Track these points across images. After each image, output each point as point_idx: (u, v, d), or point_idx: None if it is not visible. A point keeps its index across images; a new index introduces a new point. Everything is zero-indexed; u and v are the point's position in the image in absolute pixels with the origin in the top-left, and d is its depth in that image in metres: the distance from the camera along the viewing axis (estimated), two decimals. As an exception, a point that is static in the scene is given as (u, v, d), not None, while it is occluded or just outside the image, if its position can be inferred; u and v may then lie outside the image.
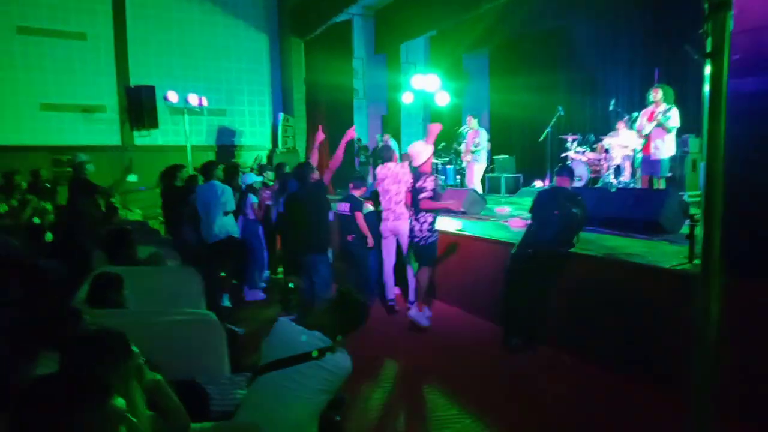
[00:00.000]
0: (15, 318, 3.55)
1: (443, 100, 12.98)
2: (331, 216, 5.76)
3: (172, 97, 11.54)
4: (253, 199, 7.06)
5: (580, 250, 4.52)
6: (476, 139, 9.46)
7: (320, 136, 5.59)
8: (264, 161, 12.33)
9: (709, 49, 1.49)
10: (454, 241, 6.00)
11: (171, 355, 2.60)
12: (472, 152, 9.45)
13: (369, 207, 6.01)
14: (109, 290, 2.95)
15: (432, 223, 5.14)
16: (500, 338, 4.68)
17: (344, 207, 6.01)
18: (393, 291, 5.98)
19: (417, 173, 5.27)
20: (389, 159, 5.90)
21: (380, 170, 5.85)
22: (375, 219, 5.94)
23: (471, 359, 4.58)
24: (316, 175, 5.31)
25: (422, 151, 5.18)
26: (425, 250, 5.20)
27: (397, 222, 5.65)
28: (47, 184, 9.00)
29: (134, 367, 1.85)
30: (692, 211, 5.29)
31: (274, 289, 6.95)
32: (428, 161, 5.21)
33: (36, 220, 7.18)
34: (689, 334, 1.76)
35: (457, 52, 13.54)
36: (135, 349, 1.89)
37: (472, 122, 9.71)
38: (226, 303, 6.34)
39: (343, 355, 2.47)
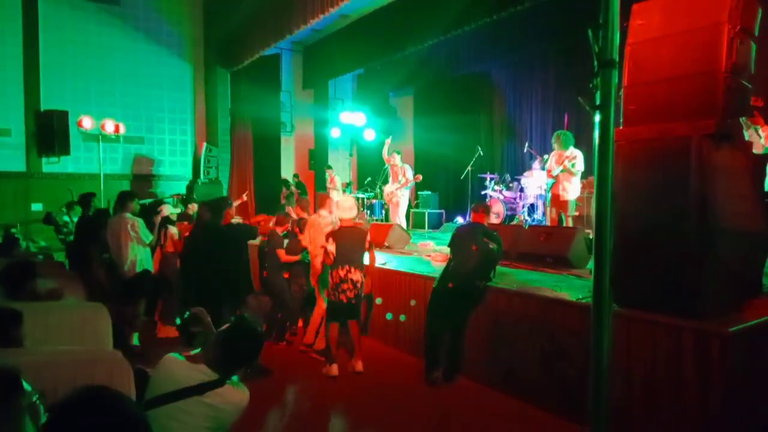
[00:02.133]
0: None
1: (370, 135, 13.28)
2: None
3: (87, 123, 11.00)
4: (172, 230, 6.81)
5: (496, 283, 4.72)
6: (403, 175, 9.70)
7: (242, 199, 5.60)
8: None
9: (598, 101, 1.68)
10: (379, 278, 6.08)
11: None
12: (397, 188, 9.66)
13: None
14: (6, 327, 2.72)
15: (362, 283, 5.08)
16: (423, 372, 4.75)
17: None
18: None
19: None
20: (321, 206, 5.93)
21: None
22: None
23: (394, 396, 4.59)
24: (232, 211, 5.26)
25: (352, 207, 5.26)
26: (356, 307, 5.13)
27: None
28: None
29: (26, 406, 1.73)
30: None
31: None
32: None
33: None
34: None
35: (384, 90, 13.96)
36: (28, 387, 1.77)
37: (396, 159, 9.95)
38: (136, 342, 6.00)
39: (233, 389, 2.30)
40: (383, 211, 11.26)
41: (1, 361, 2.44)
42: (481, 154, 10.67)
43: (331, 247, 4.94)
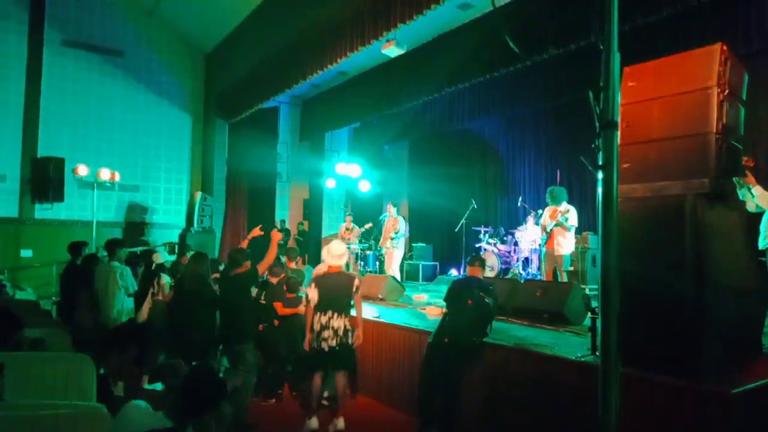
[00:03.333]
0: None
1: (365, 187, 13.39)
2: None
3: (82, 170, 11.05)
4: (165, 279, 6.70)
5: (492, 340, 4.64)
6: (396, 226, 9.74)
7: (256, 232, 5.47)
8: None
9: (601, 161, 1.70)
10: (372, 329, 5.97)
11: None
12: (392, 239, 9.67)
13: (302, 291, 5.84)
14: (-16, 381, 2.62)
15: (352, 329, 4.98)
16: (417, 429, 4.59)
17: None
18: None
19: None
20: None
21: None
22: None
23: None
24: (248, 263, 5.18)
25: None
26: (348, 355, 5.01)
27: None
28: None
29: None
30: (593, 304, 5.65)
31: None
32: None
33: None
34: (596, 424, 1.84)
35: (380, 142, 14.18)
36: None
37: (391, 210, 10.02)
38: (121, 392, 5.79)
39: None
40: (377, 263, 11.20)
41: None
42: (475, 207, 10.75)
43: (313, 293, 4.83)
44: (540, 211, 8.63)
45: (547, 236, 7.77)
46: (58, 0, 11.63)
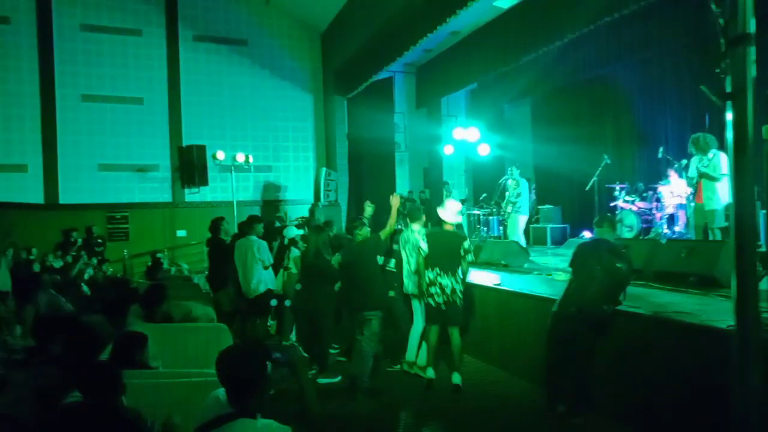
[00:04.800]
0: (53, 375, 3.60)
1: (484, 151, 12.94)
2: None
3: (221, 155, 12.04)
4: (295, 252, 7.06)
5: (627, 308, 4.22)
6: (517, 189, 9.29)
7: (395, 200, 5.41)
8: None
9: (729, 88, 1.34)
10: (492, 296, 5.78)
11: (190, 419, 2.53)
12: (513, 203, 9.26)
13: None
14: (132, 350, 2.95)
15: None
16: (543, 403, 4.37)
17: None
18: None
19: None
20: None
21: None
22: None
23: (509, 425, 4.28)
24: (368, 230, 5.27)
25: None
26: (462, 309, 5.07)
27: None
28: (99, 240, 9.40)
29: None
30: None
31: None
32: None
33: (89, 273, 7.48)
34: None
35: (499, 103, 13.59)
36: None
37: (513, 172, 9.56)
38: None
39: (254, 426, 2.00)
40: (500, 228, 10.82)
41: (132, 384, 2.62)
42: (608, 162, 9.80)
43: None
44: (685, 161, 7.64)
45: (695, 189, 6.86)
46: (188, 1, 12.64)
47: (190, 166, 12.27)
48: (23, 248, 8.34)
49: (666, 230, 8.59)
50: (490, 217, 10.97)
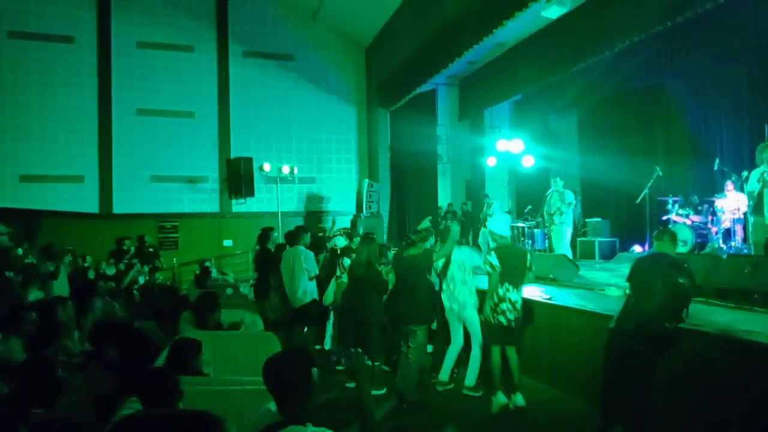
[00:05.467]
0: (110, 379, 3.69)
1: (529, 162, 12.75)
2: None
3: (267, 167, 12.29)
4: (346, 262, 7.05)
5: (689, 326, 4.01)
6: (564, 200, 9.09)
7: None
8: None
9: None
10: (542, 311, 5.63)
11: (243, 429, 2.55)
12: (557, 215, 9.05)
13: None
14: (186, 356, 2.99)
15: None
16: (598, 422, 4.19)
17: None
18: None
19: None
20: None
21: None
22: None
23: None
24: (423, 245, 5.25)
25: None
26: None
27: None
28: (150, 249, 9.69)
29: None
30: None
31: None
32: None
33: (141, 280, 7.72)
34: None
35: (544, 115, 13.37)
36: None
37: (557, 184, 9.37)
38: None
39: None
40: (546, 241, 10.58)
41: (188, 390, 2.65)
42: (660, 174, 9.48)
43: (495, 261, 4.80)
44: (745, 173, 7.30)
45: (755, 202, 6.54)
46: (238, 17, 13.05)
47: (238, 178, 12.57)
48: (79, 256, 8.68)
49: (722, 245, 8.21)
50: (536, 230, 10.76)
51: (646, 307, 3.87)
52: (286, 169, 12.57)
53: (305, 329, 6.83)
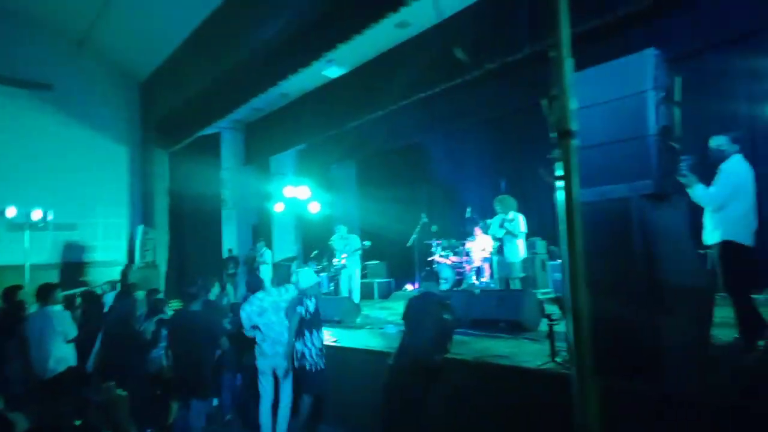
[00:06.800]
0: None
1: (315, 208, 13.20)
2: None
3: (10, 212, 10.36)
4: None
5: (452, 355, 4.57)
6: (349, 245, 9.63)
7: None
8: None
9: (561, 172, 1.66)
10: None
11: None
12: (346, 257, 9.55)
13: None
14: None
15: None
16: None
17: None
18: None
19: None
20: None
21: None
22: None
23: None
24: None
25: None
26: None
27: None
28: None
29: None
30: (548, 309, 5.69)
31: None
32: None
33: None
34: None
35: (326, 163, 14.07)
36: None
37: (341, 230, 9.92)
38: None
39: None
40: (331, 285, 10.99)
41: None
42: (426, 220, 10.76)
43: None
44: (489, 220, 8.72)
45: (498, 245, 7.87)
46: (-23, 33, 11.00)
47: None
48: None
49: (476, 281, 9.60)
50: (321, 274, 11.09)
51: (418, 342, 4.30)
52: (37, 215, 10.74)
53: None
